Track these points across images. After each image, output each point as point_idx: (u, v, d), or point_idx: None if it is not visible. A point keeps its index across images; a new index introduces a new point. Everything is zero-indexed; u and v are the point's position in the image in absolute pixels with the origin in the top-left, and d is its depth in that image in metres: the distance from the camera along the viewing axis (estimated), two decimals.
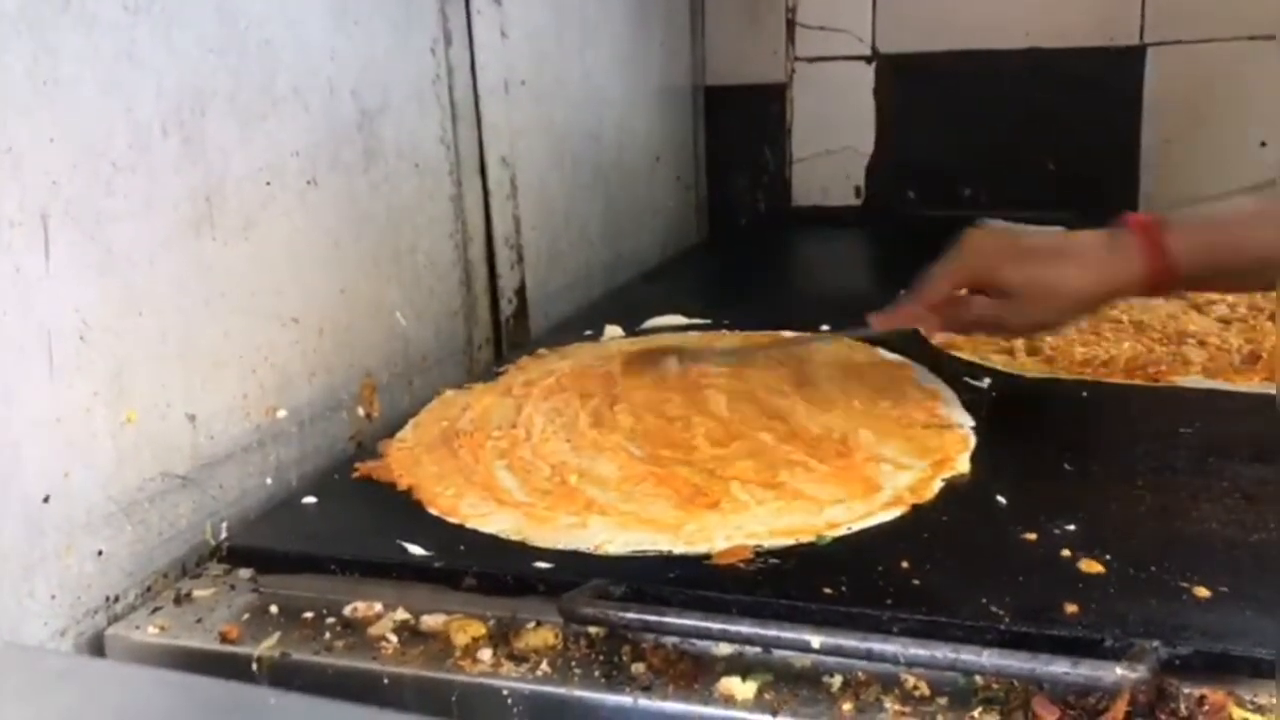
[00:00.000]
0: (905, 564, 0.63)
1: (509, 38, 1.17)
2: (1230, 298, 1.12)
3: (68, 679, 0.42)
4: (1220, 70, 1.57)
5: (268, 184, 0.82)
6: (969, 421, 0.84)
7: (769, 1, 1.77)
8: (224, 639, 0.64)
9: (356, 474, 0.80)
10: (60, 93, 0.64)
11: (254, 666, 0.62)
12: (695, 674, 0.57)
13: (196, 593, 0.70)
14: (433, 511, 0.73)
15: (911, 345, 1.04)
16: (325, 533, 0.73)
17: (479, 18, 1.11)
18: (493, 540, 0.69)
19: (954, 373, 0.95)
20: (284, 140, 0.84)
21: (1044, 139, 1.68)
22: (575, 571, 0.64)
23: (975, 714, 0.53)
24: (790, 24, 1.77)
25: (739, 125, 1.82)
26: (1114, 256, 0.79)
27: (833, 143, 1.79)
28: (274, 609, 0.67)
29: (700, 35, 1.79)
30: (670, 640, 0.59)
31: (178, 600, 0.69)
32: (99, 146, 0.67)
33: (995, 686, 0.54)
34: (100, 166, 0.67)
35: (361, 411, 0.94)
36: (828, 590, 0.60)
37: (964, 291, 0.85)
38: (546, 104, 1.27)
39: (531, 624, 0.62)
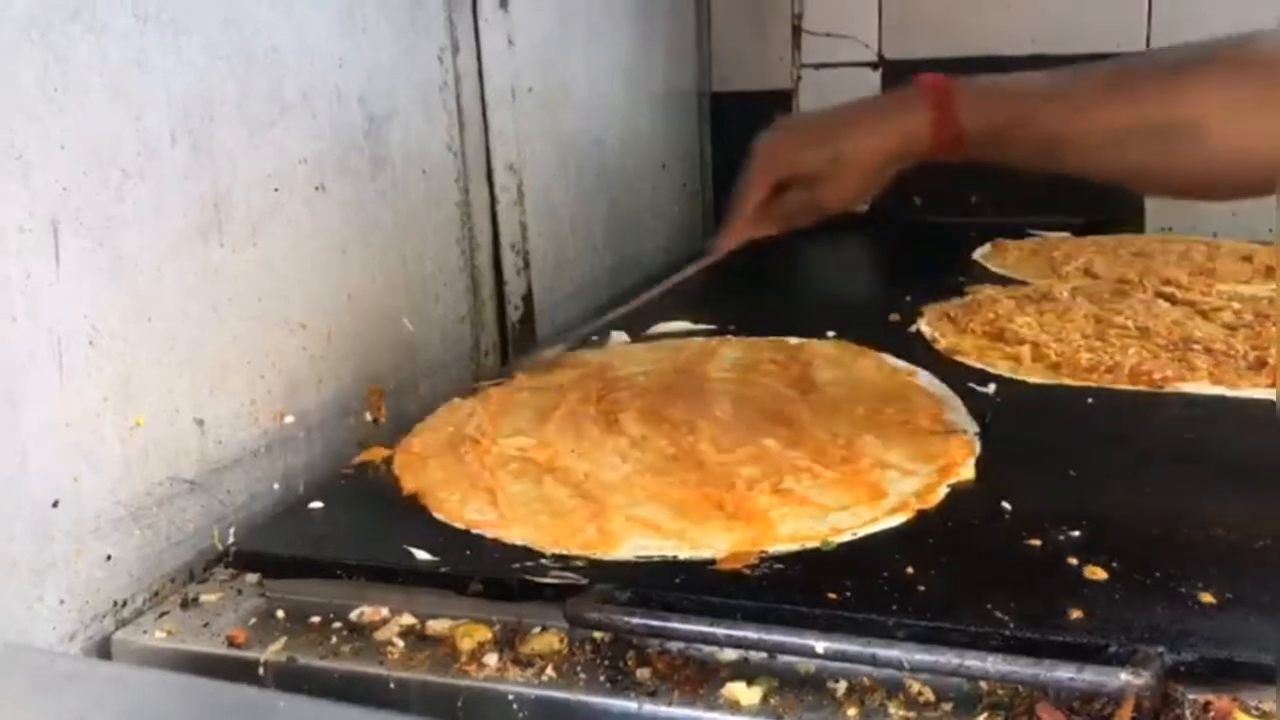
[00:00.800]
0: (910, 570, 0.63)
1: (516, 45, 1.17)
2: (1236, 304, 1.12)
3: (76, 681, 0.42)
4: None
5: (275, 190, 0.82)
6: (974, 427, 0.84)
7: (775, 8, 1.77)
8: (231, 643, 0.64)
9: (354, 462, 0.82)
10: (70, 100, 0.65)
11: (261, 671, 0.62)
12: (700, 679, 0.57)
13: (204, 597, 0.70)
14: (439, 516, 0.73)
15: (917, 352, 1.04)
16: (332, 538, 0.74)
17: (486, 25, 1.11)
18: (498, 545, 0.69)
19: (959, 378, 0.95)
20: (292, 147, 0.84)
21: None
22: (581, 576, 0.64)
23: None
24: (796, 30, 1.77)
25: (745, 131, 1.81)
26: (903, 116, 0.80)
27: None
28: (281, 613, 0.67)
29: (706, 41, 1.79)
30: (675, 645, 0.59)
31: (185, 605, 0.69)
32: (108, 153, 0.68)
33: (1000, 692, 0.55)
34: (110, 173, 0.68)
35: (369, 417, 0.94)
36: (833, 596, 0.60)
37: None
38: (553, 111, 1.28)
39: (537, 629, 0.62)
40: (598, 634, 0.61)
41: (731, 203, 0.88)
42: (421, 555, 0.68)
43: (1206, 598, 0.59)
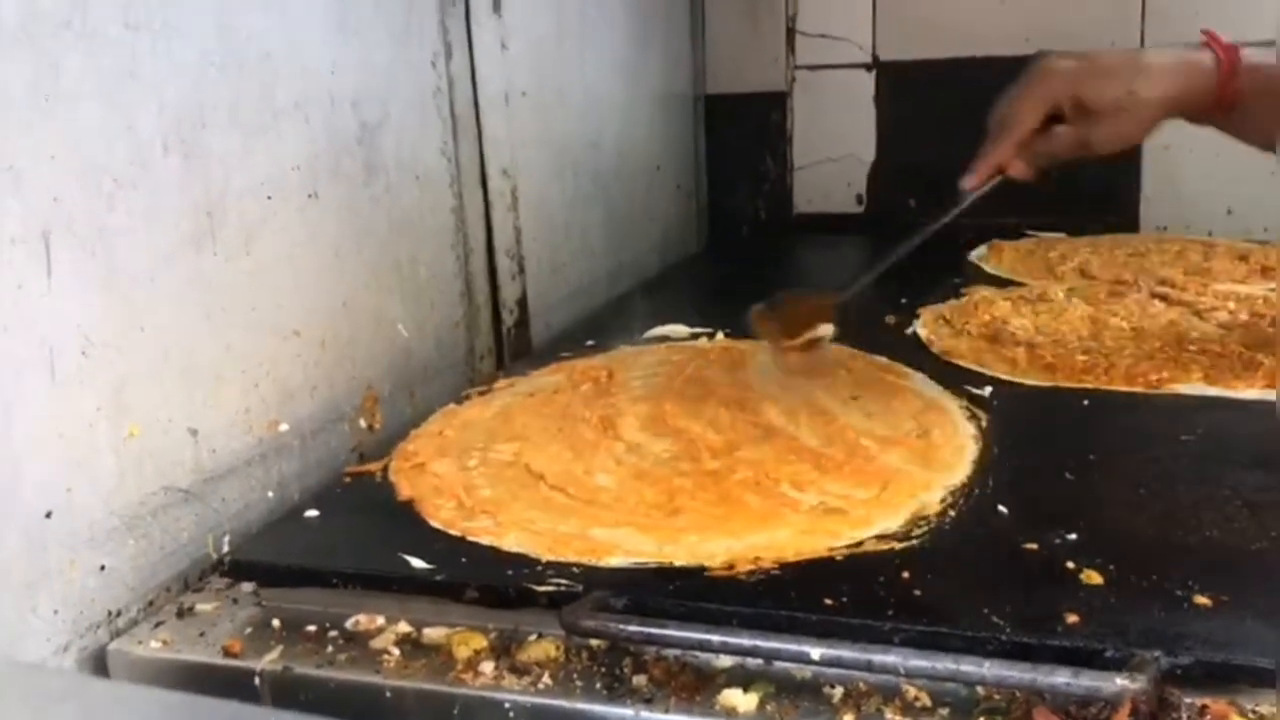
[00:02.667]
0: (906, 574, 0.63)
1: (509, 49, 1.17)
2: (1231, 304, 1.12)
3: (68, 699, 0.42)
4: None
5: (268, 198, 0.82)
6: (970, 430, 0.84)
7: (769, 9, 1.77)
8: (226, 653, 0.64)
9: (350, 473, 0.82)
10: (61, 109, 0.65)
11: (256, 680, 0.62)
12: (696, 686, 0.57)
13: (199, 607, 0.70)
14: (434, 524, 0.73)
15: (913, 355, 1.04)
16: (327, 546, 0.73)
17: (479, 29, 1.11)
18: (494, 552, 0.69)
19: (955, 381, 0.95)
20: (284, 154, 0.84)
21: None
22: (576, 583, 0.64)
23: None
24: (791, 32, 1.77)
25: (740, 133, 1.82)
26: (1196, 68, 0.80)
27: (834, 150, 1.79)
28: (276, 622, 0.67)
29: (701, 43, 1.79)
30: (671, 652, 0.59)
31: (180, 614, 0.69)
32: (100, 162, 0.67)
33: (996, 697, 0.54)
34: (102, 182, 0.68)
35: (363, 423, 0.94)
36: (828, 601, 0.60)
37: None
38: (547, 115, 1.28)
39: (533, 636, 0.62)
40: (594, 641, 0.60)
41: (991, 130, 0.82)
42: (417, 563, 0.68)
43: (1202, 601, 0.59)
